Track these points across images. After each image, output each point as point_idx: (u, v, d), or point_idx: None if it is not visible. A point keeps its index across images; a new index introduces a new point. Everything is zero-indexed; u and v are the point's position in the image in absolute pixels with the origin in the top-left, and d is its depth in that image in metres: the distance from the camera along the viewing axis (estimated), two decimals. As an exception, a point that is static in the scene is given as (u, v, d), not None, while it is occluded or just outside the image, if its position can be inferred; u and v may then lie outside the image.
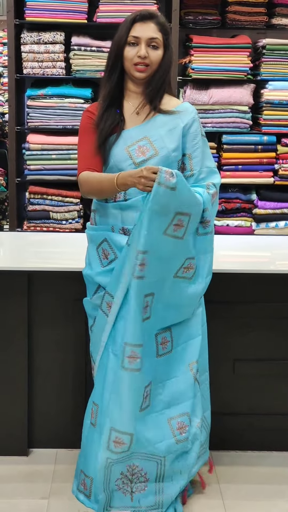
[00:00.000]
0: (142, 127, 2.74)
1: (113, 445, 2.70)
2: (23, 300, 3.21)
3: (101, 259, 2.79)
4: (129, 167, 2.70)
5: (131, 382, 2.66)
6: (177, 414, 2.82)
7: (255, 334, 3.29)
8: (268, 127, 4.52)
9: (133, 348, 2.63)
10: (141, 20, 2.67)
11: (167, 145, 2.71)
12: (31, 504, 2.92)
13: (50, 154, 4.51)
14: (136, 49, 2.66)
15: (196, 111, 2.80)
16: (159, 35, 2.68)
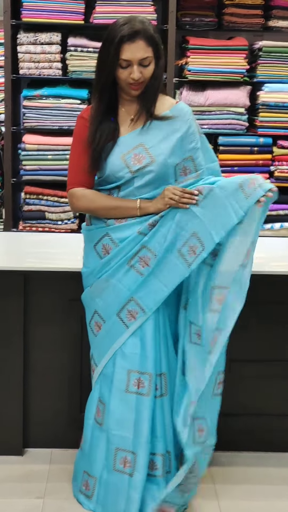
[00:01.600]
0: (138, 134, 2.72)
1: (198, 435, 2.76)
2: (19, 300, 3.21)
3: (100, 256, 2.79)
4: (126, 176, 2.70)
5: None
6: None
7: (251, 335, 3.29)
8: (264, 129, 4.54)
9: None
10: (129, 40, 2.57)
11: (164, 151, 2.69)
12: (26, 503, 2.92)
13: (46, 154, 4.52)
14: (128, 71, 2.60)
15: (191, 111, 2.78)
16: (149, 50, 2.60)
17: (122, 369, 2.77)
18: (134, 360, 2.75)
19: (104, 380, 2.83)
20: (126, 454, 2.76)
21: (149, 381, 2.74)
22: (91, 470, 2.86)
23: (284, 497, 3.03)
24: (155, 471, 2.81)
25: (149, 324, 2.75)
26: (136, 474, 2.76)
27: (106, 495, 2.83)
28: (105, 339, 2.81)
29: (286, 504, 2.98)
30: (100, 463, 2.83)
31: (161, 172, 2.70)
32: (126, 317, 2.75)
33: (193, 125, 2.76)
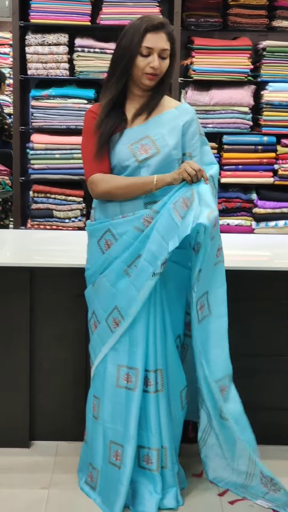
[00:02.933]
0: (144, 127, 2.80)
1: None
2: (26, 296, 3.27)
3: (103, 251, 2.86)
4: (132, 165, 2.77)
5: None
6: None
7: (252, 330, 3.34)
8: (268, 128, 4.58)
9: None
10: (153, 30, 2.69)
11: (169, 143, 2.78)
12: (31, 493, 2.99)
13: (54, 153, 4.58)
14: (148, 60, 2.70)
15: (194, 111, 2.87)
16: (168, 45, 2.73)
17: (112, 364, 2.85)
18: (123, 356, 2.83)
19: (98, 375, 2.91)
20: (117, 447, 2.84)
21: (136, 376, 2.80)
22: (94, 463, 2.95)
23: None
24: (150, 465, 2.88)
25: (140, 322, 2.80)
26: (123, 468, 2.82)
27: (104, 487, 2.91)
28: (98, 340, 2.91)
29: (285, 496, 3.03)
30: (101, 455, 2.91)
31: (166, 163, 2.78)
32: (111, 324, 2.83)
33: (195, 124, 2.84)
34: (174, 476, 2.93)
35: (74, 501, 2.95)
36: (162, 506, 2.90)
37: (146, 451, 2.88)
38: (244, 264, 3.38)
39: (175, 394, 2.94)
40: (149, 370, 2.84)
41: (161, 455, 2.89)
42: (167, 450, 2.90)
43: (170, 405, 2.93)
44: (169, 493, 2.92)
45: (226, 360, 2.92)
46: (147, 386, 2.85)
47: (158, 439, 2.87)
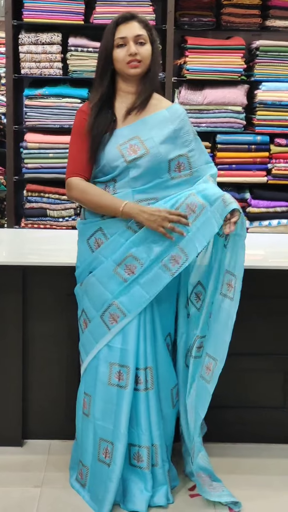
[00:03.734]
0: (134, 127, 2.79)
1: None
2: (18, 294, 3.27)
3: (93, 249, 2.86)
4: (121, 165, 2.77)
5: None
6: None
7: (245, 329, 3.34)
8: (262, 127, 4.59)
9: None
10: (124, 21, 2.76)
11: (157, 145, 2.77)
12: (23, 492, 2.99)
13: (48, 152, 4.58)
14: (125, 49, 2.73)
15: (185, 111, 2.88)
16: (144, 31, 2.76)
17: (105, 362, 2.85)
18: (116, 354, 2.83)
19: (89, 372, 2.91)
20: (107, 445, 2.84)
21: (127, 374, 2.81)
22: (84, 460, 2.95)
23: (275, 487, 3.08)
24: (140, 463, 2.88)
25: (132, 321, 2.81)
26: (112, 465, 2.83)
27: (93, 484, 2.91)
28: (90, 338, 2.90)
29: (276, 494, 3.03)
30: (90, 453, 2.92)
31: (155, 164, 2.77)
32: (108, 320, 2.83)
33: (187, 125, 2.84)
34: (164, 474, 2.94)
35: (66, 499, 2.95)
36: (152, 504, 2.90)
37: (137, 449, 2.89)
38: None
39: (165, 392, 2.94)
40: (140, 368, 2.85)
41: (151, 453, 2.89)
42: (158, 448, 2.90)
43: (161, 403, 2.93)
44: (159, 491, 2.92)
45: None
46: (137, 384, 2.85)
47: (148, 437, 2.88)
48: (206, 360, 2.87)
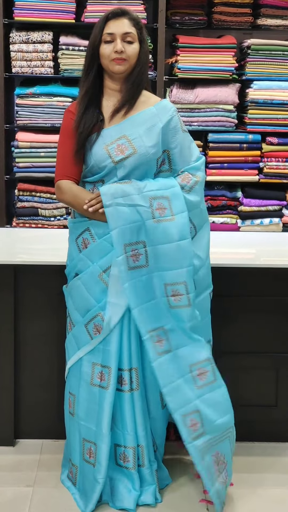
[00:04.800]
0: (121, 126, 2.78)
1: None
2: (10, 294, 3.27)
3: (80, 249, 2.85)
4: (108, 166, 2.76)
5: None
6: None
7: (237, 327, 3.35)
8: (253, 126, 4.59)
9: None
10: (114, 17, 2.73)
11: (146, 144, 2.76)
12: (15, 491, 2.98)
13: (39, 152, 4.57)
14: (112, 46, 2.72)
15: (174, 108, 2.85)
16: (133, 29, 2.74)
17: (88, 362, 2.85)
18: (98, 354, 2.82)
19: (73, 372, 2.91)
20: (90, 445, 2.85)
21: (109, 375, 2.80)
22: (73, 459, 2.96)
23: (267, 485, 3.09)
24: (127, 463, 2.88)
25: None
26: (97, 465, 2.83)
27: (81, 483, 2.92)
28: (73, 342, 2.91)
29: (270, 492, 3.04)
30: (78, 452, 2.92)
31: (143, 164, 2.76)
32: (92, 330, 2.83)
33: (175, 121, 2.82)
34: (152, 474, 2.93)
35: (58, 498, 2.95)
36: (140, 503, 2.90)
37: (122, 449, 2.88)
38: (230, 261, 3.39)
39: (154, 393, 2.93)
40: (123, 369, 2.83)
41: (137, 454, 2.89)
42: (144, 448, 2.89)
43: (149, 404, 2.93)
44: (147, 491, 2.92)
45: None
46: (121, 385, 2.84)
47: (133, 438, 2.87)
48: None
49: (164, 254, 2.73)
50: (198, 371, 2.79)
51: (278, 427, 3.42)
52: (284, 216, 4.66)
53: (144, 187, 2.73)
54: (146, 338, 2.76)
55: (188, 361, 2.78)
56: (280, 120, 4.58)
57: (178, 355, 2.77)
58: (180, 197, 2.76)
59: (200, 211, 2.86)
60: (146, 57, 2.80)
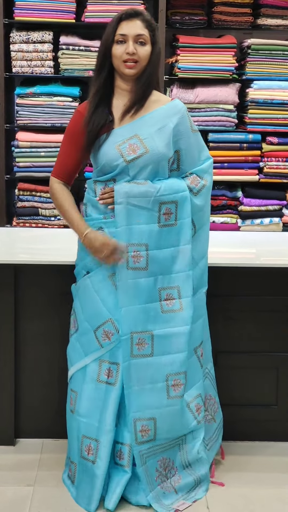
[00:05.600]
0: (132, 125, 2.79)
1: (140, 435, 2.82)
2: (10, 293, 3.27)
3: None
4: (121, 165, 2.77)
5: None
6: (193, 397, 2.94)
7: (238, 327, 3.36)
8: (253, 125, 4.59)
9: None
10: (127, 18, 2.72)
11: (157, 144, 2.77)
12: (16, 491, 2.99)
13: (39, 151, 4.57)
14: (124, 47, 2.71)
15: (185, 107, 2.87)
16: (146, 31, 2.73)
17: (94, 360, 2.85)
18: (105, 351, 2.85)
19: (78, 370, 2.91)
20: (90, 442, 2.84)
21: (117, 371, 2.81)
22: (72, 457, 2.97)
23: (267, 485, 3.09)
24: (122, 461, 2.89)
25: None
26: (98, 461, 2.84)
27: (79, 481, 2.92)
28: (78, 348, 2.91)
29: (269, 492, 3.04)
30: (76, 449, 2.93)
31: (155, 163, 2.78)
32: (101, 336, 2.83)
33: (186, 121, 2.84)
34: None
35: (59, 498, 2.95)
36: (135, 503, 2.91)
37: (119, 446, 2.89)
38: (230, 261, 3.39)
39: None
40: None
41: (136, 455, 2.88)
42: None
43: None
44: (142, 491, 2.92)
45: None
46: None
47: (132, 436, 2.86)
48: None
49: (164, 258, 2.80)
50: (174, 382, 2.84)
51: (278, 426, 3.42)
52: (284, 215, 4.67)
53: (158, 191, 2.77)
54: (125, 338, 2.79)
55: (168, 369, 2.83)
56: (280, 120, 4.59)
57: (160, 362, 2.83)
58: (188, 203, 2.83)
59: (203, 214, 2.92)
60: (157, 59, 2.80)
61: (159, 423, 2.84)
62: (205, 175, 2.91)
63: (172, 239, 2.81)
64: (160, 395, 2.83)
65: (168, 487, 2.91)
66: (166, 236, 2.80)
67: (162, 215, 2.78)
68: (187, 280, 2.85)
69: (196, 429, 2.97)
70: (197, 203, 2.86)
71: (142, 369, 2.81)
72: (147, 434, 2.83)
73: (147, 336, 2.80)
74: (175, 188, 2.81)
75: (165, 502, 2.87)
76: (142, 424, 2.82)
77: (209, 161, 2.94)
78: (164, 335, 2.82)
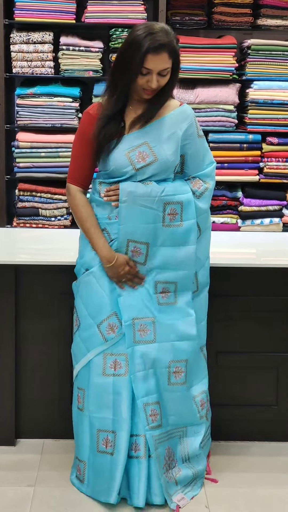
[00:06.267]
0: (142, 132, 2.81)
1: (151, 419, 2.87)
2: (11, 293, 3.28)
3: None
4: (130, 172, 2.80)
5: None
6: (199, 392, 3.00)
7: (237, 327, 3.36)
8: (253, 126, 4.59)
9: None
10: (155, 51, 2.65)
11: (166, 151, 2.81)
12: (17, 491, 2.99)
13: (39, 152, 4.57)
14: (147, 78, 2.70)
15: (193, 113, 2.91)
16: (169, 63, 2.71)
17: (98, 354, 2.88)
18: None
19: (83, 367, 2.93)
20: (107, 435, 2.86)
21: (126, 361, 2.84)
22: (80, 455, 2.97)
23: (267, 485, 3.10)
24: (138, 452, 2.90)
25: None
26: (116, 453, 2.85)
27: (94, 477, 2.92)
28: (82, 345, 2.94)
29: (268, 492, 3.05)
30: (87, 447, 2.93)
31: (163, 170, 2.82)
32: (105, 330, 2.86)
33: (193, 127, 2.87)
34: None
35: (60, 498, 2.95)
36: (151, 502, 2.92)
37: (134, 438, 2.90)
38: (230, 261, 3.40)
39: None
40: None
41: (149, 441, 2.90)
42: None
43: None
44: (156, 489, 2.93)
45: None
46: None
47: (145, 425, 2.88)
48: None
49: (165, 256, 2.85)
50: (176, 369, 2.90)
51: (278, 426, 3.42)
52: (284, 216, 4.66)
53: (163, 191, 2.81)
54: (127, 324, 2.84)
55: (170, 356, 2.89)
56: (280, 120, 4.58)
57: (162, 348, 2.87)
58: (192, 204, 2.87)
59: (207, 216, 2.98)
60: (176, 78, 2.79)
61: (163, 407, 2.90)
62: (208, 179, 2.96)
63: (178, 239, 2.86)
64: (161, 380, 2.89)
65: (171, 477, 2.95)
66: (171, 236, 2.84)
67: (167, 215, 2.82)
68: (187, 279, 2.90)
69: (198, 424, 3.02)
70: (200, 206, 2.91)
71: (145, 355, 2.86)
72: (156, 419, 2.88)
73: (149, 322, 2.86)
74: (179, 189, 2.85)
75: (170, 492, 2.92)
76: (151, 408, 2.87)
77: (212, 165, 2.99)
78: (164, 323, 2.88)
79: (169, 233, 2.84)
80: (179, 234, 2.85)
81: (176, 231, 2.85)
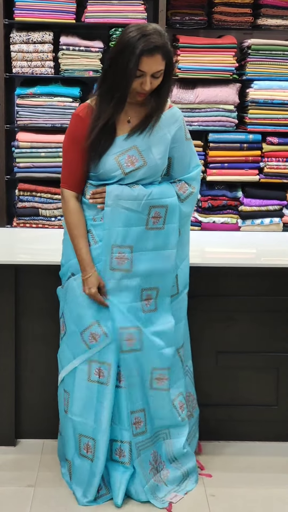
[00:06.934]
0: (132, 136, 2.79)
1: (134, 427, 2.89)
2: (10, 293, 3.27)
3: None
4: (118, 176, 2.79)
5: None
6: (176, 395, 2.98)
7: (238, 327, 3.36)
8: (254, 125, 4.59)
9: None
10: (149, 54, 2.61)
11: (155, 156, 2.80)
12: (17, 491, 2.99)
13: (39, 152, 4.57)
14: (140, 81, 2.67)
15: (182, 116, 2.90)
16: (163, 65, 2.67)
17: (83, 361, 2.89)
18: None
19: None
20: (88, 440, 2.88)
21: (109, 371, 2.84)
22: (67, 455, 3.01)
23: (267, 485, 3.09)
24: (122, 458, 2.91)
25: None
26: (95, 460, 2.88)
27: (77, 478, 2.95)
28: (67, 351, 2.94)
29: (268, 492, 3.04)
30: (72, 448, 2.97)
31: (152, 174, 2.82)
32: (88, 338, 2.85)
33: (181, 130, 2.87)
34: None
35: (60, 498, 2.95)
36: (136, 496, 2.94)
37: (119, 444, 2.92)
38: (230, 261, 3.39)
39: None
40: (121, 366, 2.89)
41: (132, 448, 2.92)
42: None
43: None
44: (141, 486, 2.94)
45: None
46: (119, 382, 2.88)
47: (130, 433, 2.90)
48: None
49: (148, 261, 2.84)
50: (158, 376, 2.90)
51: (278, 426, 3.42)
52: (285, 216, 4.67)
53: (149, 195, 2.80)
54: (113, 334, 2.84)
55: (153, 364, 2.89)
56: (280, 120, 4.59)
57: (145, 356, 2.87)
58: (177, 209, 2.86)
59: (187, 220, 2.97)
60: (170, 80, 2.75)
61: (147, 413, 2.92)
62: (193, 182, 2.95)
63: (158, 242, 2.85)
64: (145, 385, 2.90)
65: (159, 480, 2.96)
66: (153, 239, 2.84)
67: (151, 218, 2.82)
68: (168, 284, 2.91)
69: (180, 426, 3.02)
70: (183, 210, 2.90)
71: (132, 364, 2.86)
72: (140, 426, 2.90)
73: (136, 332, 2.84)
74: (166, 193, 2.85)
75: (159, 495, 2.93)
76: (136, 416, 2.89)
77: (198, 168, 2.97)
78: (149, 332, 2.87)
79: (151, 236, 2.82)
80: (160, 237, 2.84)
81: (157, 234, 2.83)
